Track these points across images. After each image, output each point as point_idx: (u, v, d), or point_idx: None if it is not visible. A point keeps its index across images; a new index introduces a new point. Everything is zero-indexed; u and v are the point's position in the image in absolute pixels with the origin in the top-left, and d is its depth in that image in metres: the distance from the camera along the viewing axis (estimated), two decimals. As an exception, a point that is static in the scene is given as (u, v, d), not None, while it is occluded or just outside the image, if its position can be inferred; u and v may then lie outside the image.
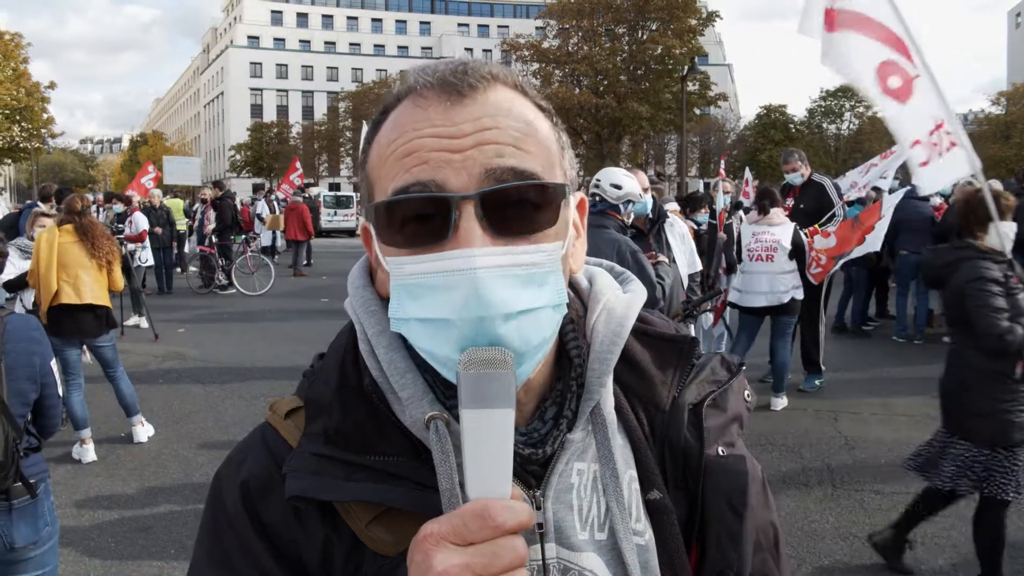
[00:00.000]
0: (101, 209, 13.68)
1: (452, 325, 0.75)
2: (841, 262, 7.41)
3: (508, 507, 0.68)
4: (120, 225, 12.32)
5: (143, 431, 6.71)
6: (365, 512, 0.82)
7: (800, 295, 7.21)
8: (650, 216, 5.62)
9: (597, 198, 5.11)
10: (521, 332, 0.76)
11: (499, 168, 0.77)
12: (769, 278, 7.09)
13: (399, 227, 0.79)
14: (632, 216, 5.20)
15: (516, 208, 0.78)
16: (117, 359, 6.61)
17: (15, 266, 6.57)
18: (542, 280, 0.78)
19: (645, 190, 5.52)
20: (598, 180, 5.15)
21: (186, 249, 18.81)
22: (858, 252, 7.47)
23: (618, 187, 5.03)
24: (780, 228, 7.19)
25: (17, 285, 6.51)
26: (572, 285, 0.97)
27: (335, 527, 0.84)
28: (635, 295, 0.96)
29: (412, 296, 0.78)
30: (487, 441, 0.70)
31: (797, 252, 7.16)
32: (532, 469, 0.86)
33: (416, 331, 0.79)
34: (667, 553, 0.89)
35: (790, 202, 8.41)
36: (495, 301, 0.74)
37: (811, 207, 7.99)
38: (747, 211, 9.54)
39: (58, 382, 3.10)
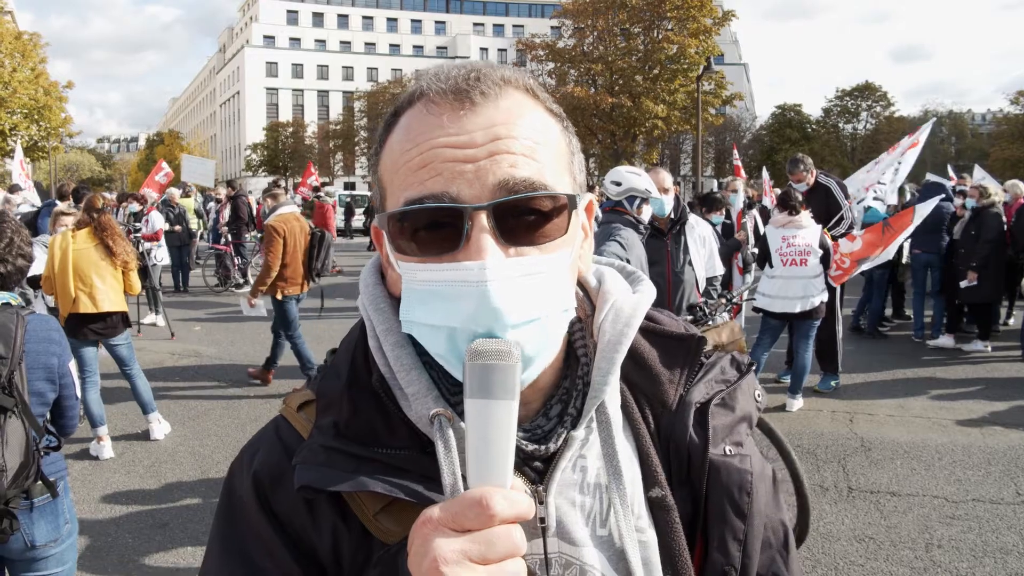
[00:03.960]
0: (119, 210, 13.81)
1: (461, 333, 0.77)
2: (863, 267, 7.37)
3: (506, 497, 0.68)
4: (137, 224, 12.40)
5: (159, 428, 6.76)
6: (373, 503, 0.84)
7: (826, 298, 7.21)
8: (671, 217, 5.60)
9: (604, 197, 5.16)
10: (528, 340, 0.77)
11: (511, 180, 0.77)
12: (803, 283, 7.06)
13: (411, 235, 0.80)
14: (645, 214, 5.18)
15: (527, 218, 0.79)
16: (133, 357, 6.66)
17: (41, 262, 6.63)
18: (551, 288, 0.80)
19: (665, 190, 5.50)
20: (603, 179, 5.21)
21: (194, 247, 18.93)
22: (872, 263, 7.48)
23: (617, 184, 5.06)
24: (809, 231, 7.16)
25: (39, 282, 6.56)
26: (581, 284, 0.98)
27: (344, 517, 0.86)
28: (644, 295, 0.97)
29: (422, 302, 0.80)
30: (489, 431, 0.71)
31: (824, 256, 7.16)
32: (535, 465, 0.87)
33: (426, 335, 0.81)
34: (668, 550, 0.90)
35: None
36: (504, 312, 0.75)
37: (819, 210, 7.94)
38: (763, 211, 9.50)
39: (76, 382, 3.12)
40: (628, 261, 4.57)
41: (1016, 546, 4.58)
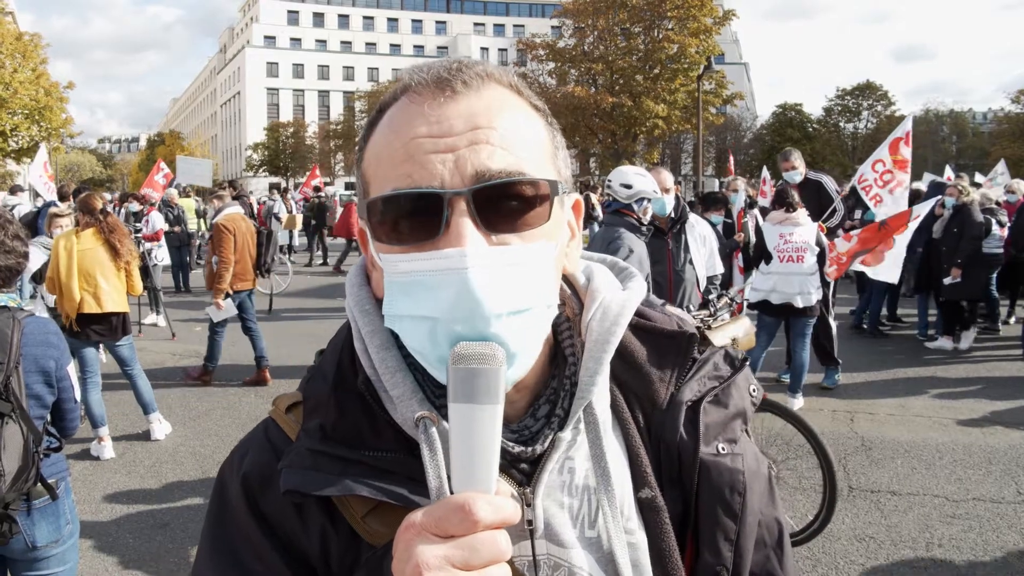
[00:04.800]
0: (121, 209, 13.91)
1: (442, 324, 0.76)
2: (858, 260, 7.41)
3: (490, 503, 0.68)
4: (137, 224, 12.42)
5: (160, 428, 6.77)
6: (361, 505, 0.84)
7: (821, 296, 7.27)
8: (671, 216, 5.61)
9: (610, 198, 5.13)
10: (512, 332, 0.76)
11: (488, 171, 0.77)
12: (800, 279, 7.12)
13: (392, 224, 0.80)
14: (649, 214, 5.19)
15: (507, 204, 0.78)
16: (134, 357, 6.67)
17: (41, 262, 6.63)
18: (533, 280, 0.79)
19: (667, 190, 5.52)
20: (610, 180, 5.18)
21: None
22: (877, 275, 7.54)
23: (628, 186, 5.05)
24: (806, 228, 7.23)
25: (42, 277, 6.58)
26: (569, 282, 0.98)
27: (332, 519, 0.86)
28: (633, 292, 0.96)
29: (405, 293, 0.79)
30: (473, 436, 0.71)
31: (820, 252, 7.23)
32: (522, 467, 0.86)
33: (408, 329, 0.80)
34: (658, 552, 0.89)
35: None
36: (485, 300, 0.74)
37: (811, 203, 7.96)
38: (763, 210, 9.52)
39: (75, 386, 3.11)
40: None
41: (1017, 545, 4.57)
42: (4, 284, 2.98)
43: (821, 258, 7.25)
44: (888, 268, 7.46)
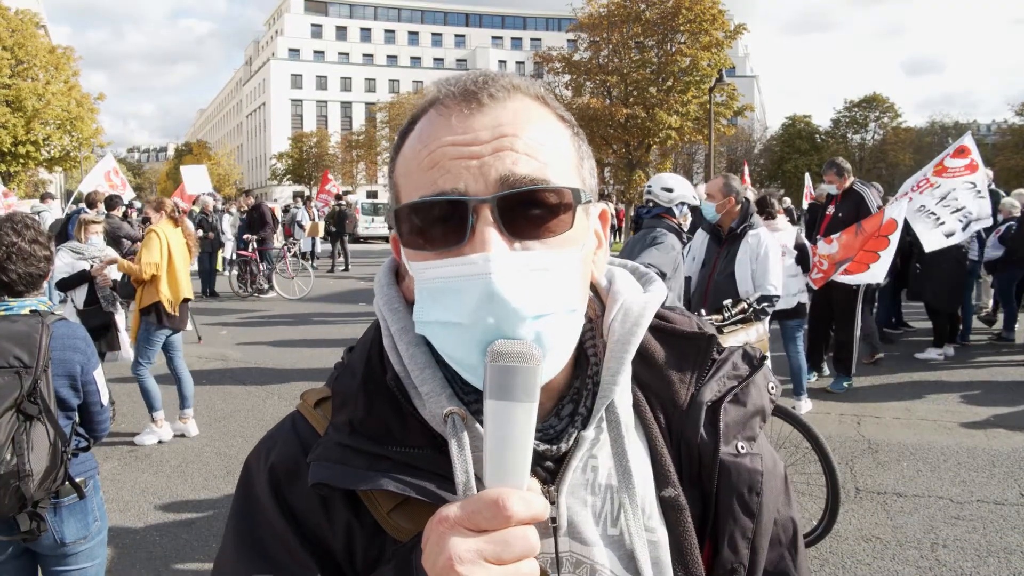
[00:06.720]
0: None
1: (470, 329, 0.77)
2: (841, 269, 7.46)
3: (523, 498, 0.69)
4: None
5: (160, 432, 6.93)
6: (387, 500, 0.84)
7: (805, 299, 7.33)
8: (732, 225, 5.70)
9: (651, 203, 5.17)
10: (539, 336, 0.77)
11: (512, 176, 0.78)
12: None
13: (420, 230, 0.81)
14: (688, 220, 5.26)
15: (531, 211, 0.79)
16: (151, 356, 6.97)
17: (70, 266, 6.85)
18: (557, 285, 0.80)
19: (710, 196, 5.68)
20: (650, 186, 5.23)
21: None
22: (862, 280, 7.53)
23: (669, 190, 5.12)
24: (784, 233, 7.36)
25: (70, 284, 6.78)
26: (591, 284, 0.98)
27: (357, 514, 0.86)
28: (654, 295, 0.97)
29: (433, 300, 0.80)
30: (508, 433, 0.71)
31: (801, 257, 7.32)
32: (547, 465, 0.87)
33: (438, 334, 0.82)
34: (680, 550, 0.91)
35: (831, 209, 8.41)
36: (510, 304, 0.75)
37: (848, 216, 7.97)
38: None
39: (102, 390, 3.10)
40: (664, 274, 4.61)
41: (1020, 546, 4.59)
42: (31, 289, 3.03)
43: (804, 261, 7.34)
44: (872, 273, 7.40)
